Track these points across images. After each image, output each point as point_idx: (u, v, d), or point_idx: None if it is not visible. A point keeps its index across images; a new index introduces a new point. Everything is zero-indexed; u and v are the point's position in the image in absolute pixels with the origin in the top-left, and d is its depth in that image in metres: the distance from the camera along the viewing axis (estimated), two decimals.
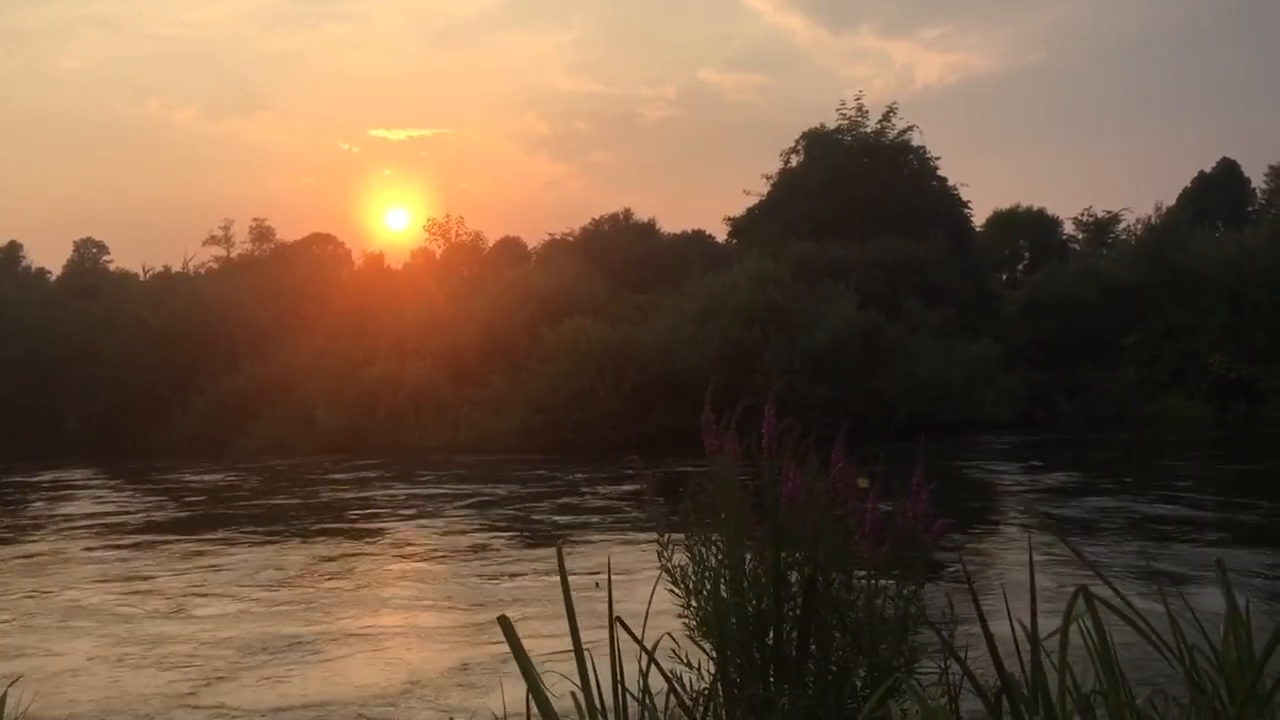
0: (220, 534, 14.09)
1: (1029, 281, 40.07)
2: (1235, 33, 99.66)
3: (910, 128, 37.19)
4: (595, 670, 2.67)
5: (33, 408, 31.89)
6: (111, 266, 58.97)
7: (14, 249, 62.89)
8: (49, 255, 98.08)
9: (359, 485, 19.96)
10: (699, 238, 50.70)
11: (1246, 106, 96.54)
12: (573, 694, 2.68)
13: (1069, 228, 48.20)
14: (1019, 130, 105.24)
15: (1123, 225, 45.00)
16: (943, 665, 2.83)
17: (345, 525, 14.89)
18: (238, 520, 15.63)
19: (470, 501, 17.25)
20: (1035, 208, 49.02)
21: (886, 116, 37.26)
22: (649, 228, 51.12)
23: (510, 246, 50.33)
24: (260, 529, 14.68)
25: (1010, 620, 2.69)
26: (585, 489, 18.06)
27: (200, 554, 12.41)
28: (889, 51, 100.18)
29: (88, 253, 64.86)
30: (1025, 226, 48.44)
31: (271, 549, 12.80)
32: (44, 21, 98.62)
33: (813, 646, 2.98)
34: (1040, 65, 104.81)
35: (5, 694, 3.75)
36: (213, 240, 56.12)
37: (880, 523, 2.96)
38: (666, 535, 3.12)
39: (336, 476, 21.63)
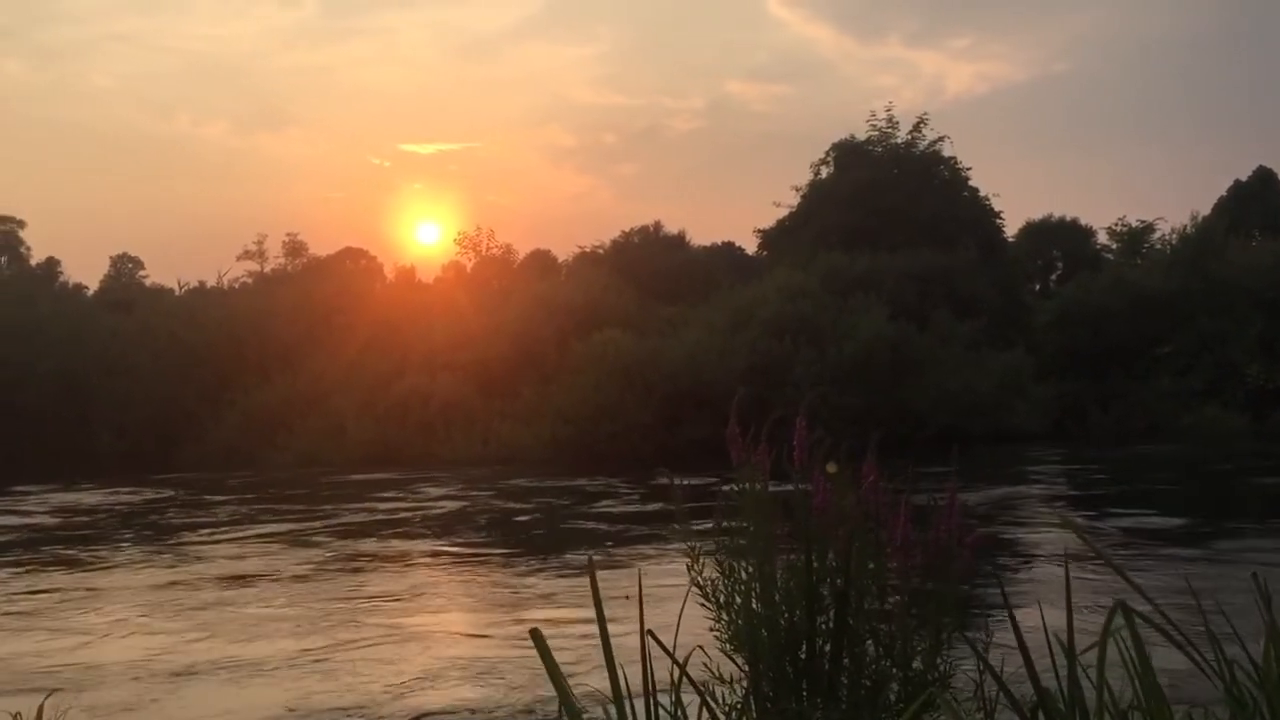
0: (258, 542, 14.18)
1: (1061, 292, 39.77)
2: (1271, 39, 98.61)
3: (941, 138, 37.12)
4: (627, 683, 2.66)
5: (67, 421, 32.23)
6: (147, 282, 59.71)
7: (52, 265, 63.76)
8: (86, 271, 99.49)
9: (388, 497, 20.04)
10: (728, 249, 50.71)
11: None
12: (604, 707, 2.67)
13: (1102, 237, 47.88)
14: (1051, 139, 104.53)
15: (1157, 235, 44.63)
16: (978, 680, 2.80)
17: (374, 536, 14.94)
18: (270, 526, 15.73)
19: (499, 513, 17.27)
20: (1068, 217, 48.78)
21: (917, 127, 37.18)
22: (679, 240, 51.15)
23: (540, 259, 50.50)
24: (294, 539, 14.75)
25: (1046, 634, 2.66)
26: (615, 501, 18.04)
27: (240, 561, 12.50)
28: (917, 61, 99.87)
29: (124, 268, 65.65)
30: (1058, 236, 48.13)
31: (309, 558, 12.87)
32: (74, 39, 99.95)
33: (846, 660, 2.96)
34: (1070, 73, 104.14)
35: (43, 705, 3.79)
36: (246, 255, 56.79)
37: (912, 536, 2.94)
38: (697, 548, 3.11)
39: (366, 488, 21.72)
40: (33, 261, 64.56)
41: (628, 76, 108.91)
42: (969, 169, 37.47)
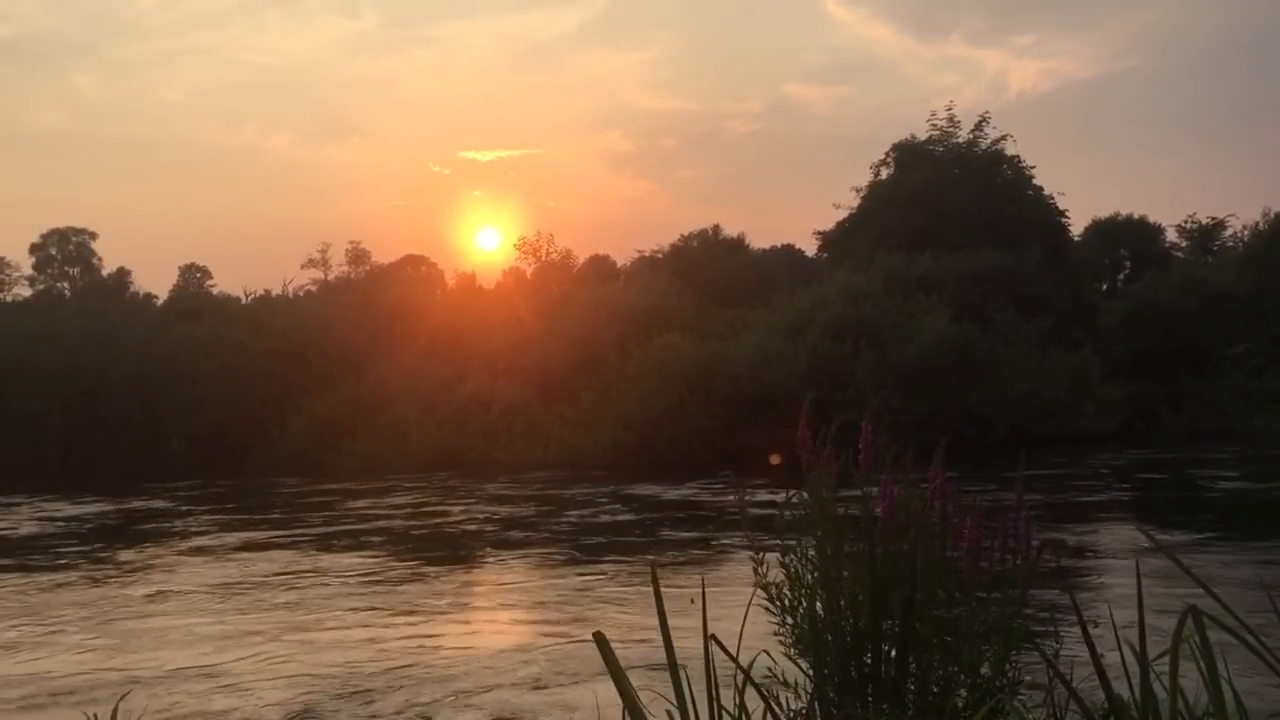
0: (324, 546, 14.39)
1: (1129, 291, 39.06)
2: None
3: (1004, 137, 36.62)
4: (691, 688, 2.66)
5: (139, 428, 32.96)
6: (215, 291, 60.92)
7: (122, 275, 65.32)
8: (156, 281, 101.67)
9: (449, 501, 20.22)
10: (788, 252, 50.51)
11: None
12: (668, 712, 2.68)
13: (1171, 235, 46.98)
14: (1117, 136, 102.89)
15: (1228, 232, 43.71)
16: (1047, 687, 2.76)
17: (438, 539, 15.09)
18: (343, 532, 15.94)
19: (561, 518, 17.35)
20: (1136, 215, 47.91)
21: (979, 126, 36.74)
22: (738, 243, 51.04)
23: (599, 264, 50.67)
24: (363, 542, 14.94)
25: (1117, 640, 2.61)
26: (676, 505, 18.04)
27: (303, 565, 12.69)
28: (979, 60, 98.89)
29: (192, 277, 67.02)
30: (1125, 235, 47.28)
31: (375, 561, 13.03)
32: (143, 55, 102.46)
33: (912, 666, 2.94)
34: (1136, 69, 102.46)
35: (116, 707, 3.87)
36: (310, 263, 57.74)
37: (980, 540, 2.91)
38: (761, 552, 3.11)
39: (427, 492, 21.93)
40: (104, 272, 66.23)
41: (686, 81, 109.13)
42: (1033, 168, 36.98)
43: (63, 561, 14.17)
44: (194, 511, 20.42)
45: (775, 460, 21.41)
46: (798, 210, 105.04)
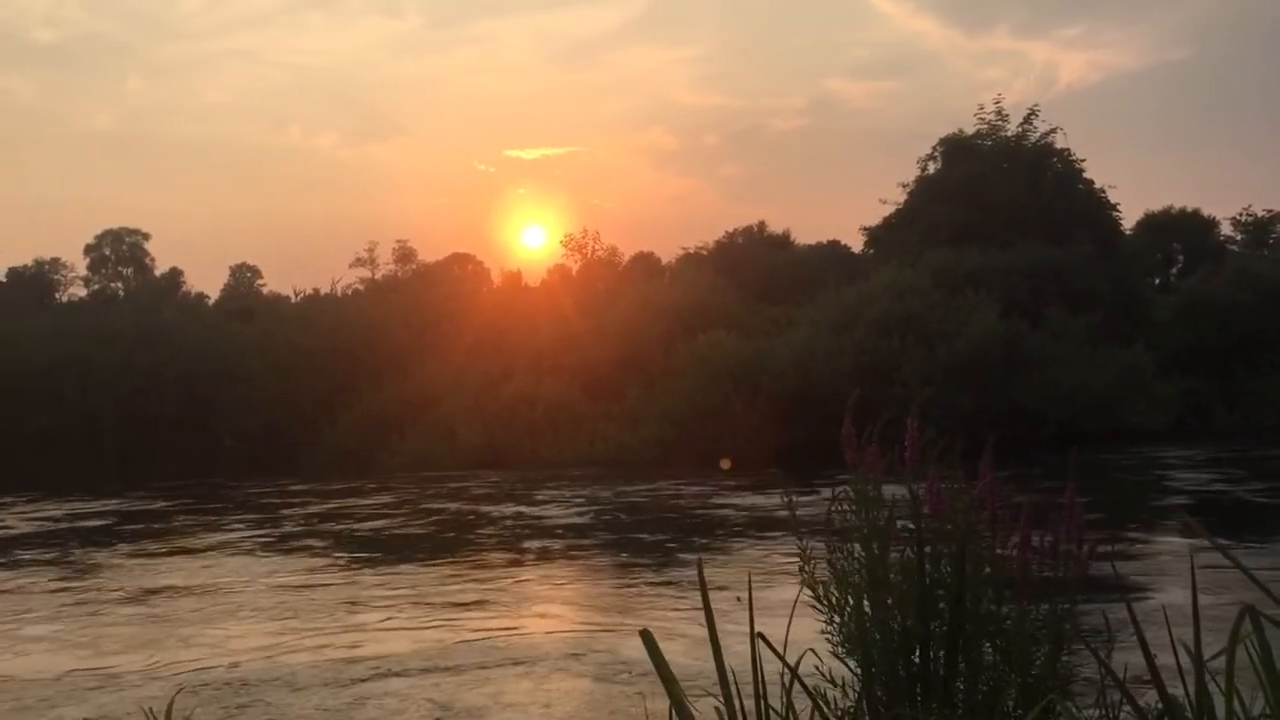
0: (373, 547, 14.53)
1: (1183, 286, 38.43)
2: None
3: (1053, 130, 36.10)
4: (737, 685, 2.65)
5: (192, 426, 33.43)
6: (265, 290, 61.68)
7: (174, 275, 66.33)
8: (207, 280, 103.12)
9: (498, 499, 20.33)
10: (834, 248, 50.17)
11: None
12: (716, 709, 2.67)
13: (1226, 228, 46.15)
14: (1169, 128, 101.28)
15: None
16: (1100, 687, 2.72)
17: (487, 537, 15.18)
18: (392, 534, 16.09)
19: (608, 515, 17.39)
20: (1189, 208, 47.10)
21: (1028, 119, 36.26)
22: (783, 239, 50.81)
23: (644, 261, 50.65)
24: (409, 543, 15.08)
25: (1172, 640, 2.58)
26: (723, 502, 18.01)
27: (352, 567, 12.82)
28: (1027, 52, 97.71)
29: (243, 277, 67.86)
30: (1179, 228, 46.50)
31: (431, 563, 13.14)
32: (190, 56, 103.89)
33: (961, 665, 2.91)
34: (1188, 59, 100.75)
35: (173, 700, 3.93)
36: (358, 262, 58.23)
37: (1030, 538, 2.88)
38: (808, 550, 3.09)
39: (477, 490, 22.06)
40: (157, 272, 67.29)
41: (728, 77, 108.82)
42: (1083, 161, 36.41)
43: (120, 557, 14.42)
44: (250, 509, 20.69)
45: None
46: (843, 206, 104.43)
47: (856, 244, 44.62)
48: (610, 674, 7.27)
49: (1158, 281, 44.09)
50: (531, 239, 65.80)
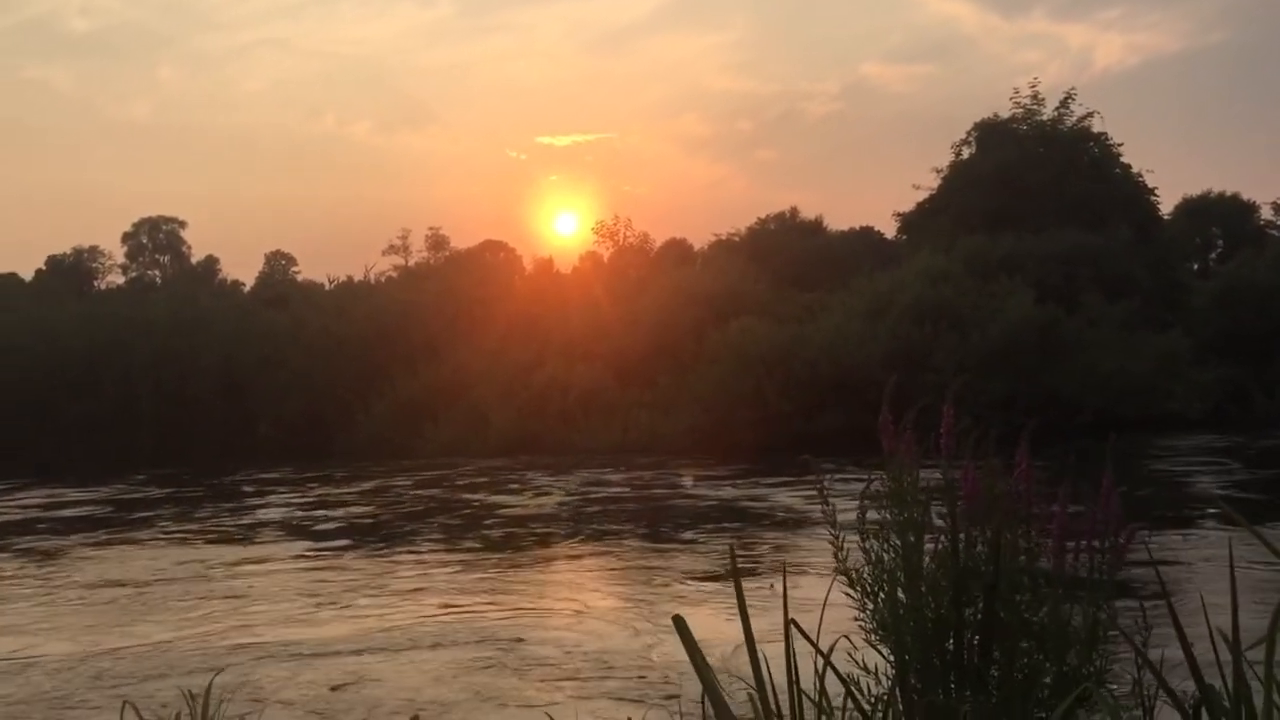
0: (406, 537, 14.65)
1: (1222, 271, 37.92)
2: None
3: (1090, 114, 35.68)
4: (770, 672, 2.66)
5: (228, 412, 33.78)
6: (299, 277, 62.10)
7: (211, 263, 66.93)
8: (243, 268, 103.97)
9: (532, 485, 20.42)
10: (867, 234, 49.88)
11: None
12: (749, 695, 2.68)
13: (1266, 213, 45.43)
14: (1209, 112, 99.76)
15: None
16: (1136, 675, 2.70)
17: (522, 522, 15.26)
18: (423, 520, 16.21)
19: (641, 501, 17.42)
20: (1229, 193, 46.45)
21: (1064, 103, 35.85)
22: (816, 225, 50.53)
23: (676, 248, 50.53)
24: (445, 530, 15.18)
25: (1209, 628, 2.55)
26: (756, 489, 18.00)
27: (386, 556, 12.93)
28: (1064, 35, 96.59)
29: (277, 265, 68.35)
30: (1217, 213, 45.87)
31: (458, 549, 13.23)
32: (225, 46, 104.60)
33: (996, 653, 2.90)
34: (1227, 42, 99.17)
35: (210, 684, 3.98)
36: (391, 250, 58.44)
37: (1067, 526, 2.85)
38: (841, 536, 3.09)
39: (511, 476, 22.16)
40: (194, 260, 67.89)
41: (761, 62, 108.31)
42: (1120, 145, 35.99)
43: (167, 537, 14.60)
44: (290, 491, 20.88)
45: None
46: (877, 192, 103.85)
47: (890, 230, 44.38)
48: (640, 658, 7.29)
49: (1196, 267, 43.54)
50: (563, 226, 65.86)
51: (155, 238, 68.75)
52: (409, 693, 6.70)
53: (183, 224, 69.01)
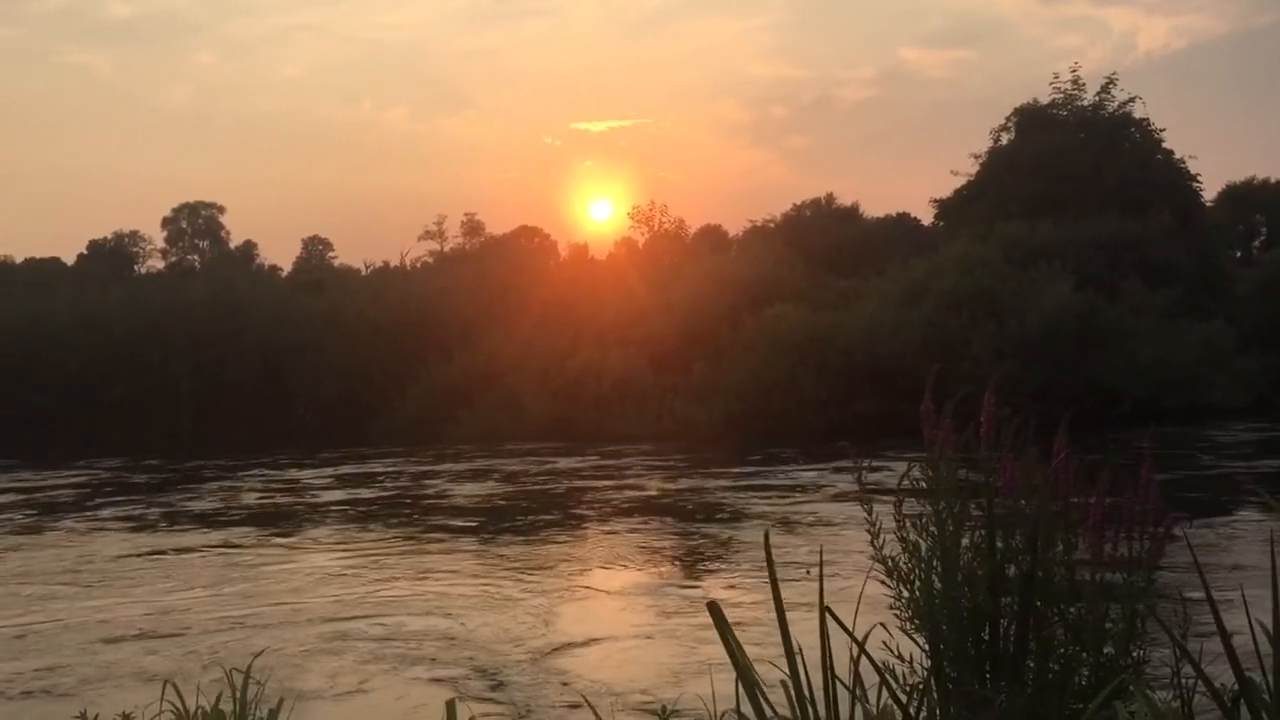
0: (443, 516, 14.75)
1: (1266, 258, 37.37)
2: None
3: (1132, 99, 35.26)
4: (804, 660, 2.66)
5: (266, 395, 34.12)
6: (336, 263, 62.50)
7: (249, 248, 67.48)
8: (280, 253, 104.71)
9: (565, 472, 20.48)
10: (904, 220, 49.58)
11: None
12: (783, 682, 2.68)
13: None
14: (1254, 96, 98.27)
15: None
16: (1174, 666, 2.69)
17: (556, 509, 15.32)
18: (451, 504, 16.31)
19: (675, 487, 17.43)
20: (1273, 179, 45.75)
21: (1105, 88, 35.46)
22: (852, 212, 50.31)
23: (711, 234, 50.46)
24: (470, 517, 15.27)
25: (1249, 620, 2.53)
26: (791, 476, 17.96)
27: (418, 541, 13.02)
28: (1105, 18, 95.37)
29: (315, 250, 68.84)
30: (1262, 199, 45.22)
31: (489, 537, 13.30)
32: (261, 31, 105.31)
33: (1032, 643, 2.89)
34: (1272, 25, 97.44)
35: (250, 666, 4.02)
36: (427, 235, 58.66)
37: (1105, 516, 2.84)
38: (878, 524, 3.08)
39: (545, 462, 22.24)
40: (232, 245, 68.47)
41: (798, 48, 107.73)
42: (1162, 130, 35.54)
43: (211, 522, 14.79)
44: (328, 474, 21.08)
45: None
46: (913, 178, 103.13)
47: (926, 216, 44.13)
48: (675, 645, 7.32)
49: (1239, 254, 42.92)
50: (598, 212, 65.92)
51: (194, 223, 69.40)
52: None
53: (221, 209, 69.62)
